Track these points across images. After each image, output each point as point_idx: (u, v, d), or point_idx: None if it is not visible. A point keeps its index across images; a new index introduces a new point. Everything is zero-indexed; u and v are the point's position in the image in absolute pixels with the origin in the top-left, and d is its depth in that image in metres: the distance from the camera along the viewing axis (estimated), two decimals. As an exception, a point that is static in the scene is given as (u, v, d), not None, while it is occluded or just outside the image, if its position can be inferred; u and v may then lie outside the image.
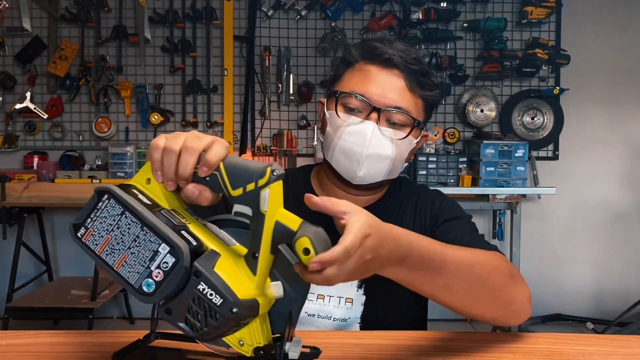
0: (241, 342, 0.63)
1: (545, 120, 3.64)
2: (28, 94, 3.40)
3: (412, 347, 0.87)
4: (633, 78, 3.65)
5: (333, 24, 3.56)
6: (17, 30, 3.51)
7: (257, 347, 0.63)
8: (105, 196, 0.60)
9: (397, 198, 1.13)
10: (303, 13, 3.57)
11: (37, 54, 3.57)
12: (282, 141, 3.56)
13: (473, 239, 0.99)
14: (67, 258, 3.67)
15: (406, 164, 1.10)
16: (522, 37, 3.62)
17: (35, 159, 3.54)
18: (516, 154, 3.27)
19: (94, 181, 3.33)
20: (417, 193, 1.14)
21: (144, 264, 0.58)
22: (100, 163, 3.58)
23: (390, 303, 1.07)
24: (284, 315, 0.65)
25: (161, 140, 0.65)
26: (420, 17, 3.50)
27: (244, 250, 0.65)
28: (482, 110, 3.59)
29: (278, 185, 0.62)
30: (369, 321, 1.06)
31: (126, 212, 0.59)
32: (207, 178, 0.64)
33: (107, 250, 0.60)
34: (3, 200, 3.11)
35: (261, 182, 0.62)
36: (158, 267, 0.58)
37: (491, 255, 0.90)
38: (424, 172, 3.38)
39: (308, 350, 0.66)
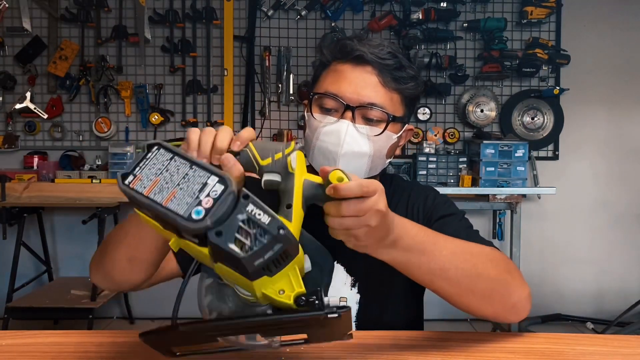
0: (281, 292, 0.64)
1: (545, 120, 3.64)
2: (28, 94, 3.40)
3: (412, 347, 0.87)
4: (633, 78, 3.65)
5: (333, 24, 3.56)
6: (17, 30, 3.51)
7: (299, 293, 0.63)
8: (155, 147, 0.63)
9: (388, 195, 1.13)
10: (303, 13, 3.57)
11: (37, 54, 3.57)
12: (282, 141, 3.56)
13: (469, 235, 0.99)
14: (67, 258, 3.66)
15: (389, 160, 1.10)
16: (522, 37, 3.62)
17: (35, 159, 3.54)
18: (516, 154, 3.27)
19: (94, 181, 3.33)
20: (409, 189, 1.15)
21: (192, 195, 0.60)
22: (100, 163, 3.58)
23: (385, 302, 1.08)
24: (314, 288, 0.66)
25: (197, 129, 0.76)
26: (420, 17, 3.50)
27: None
28: (482, 110, 3.59)
29: (301, 155, 0.73)
30: (364, 320, 1.06)
31: (175, 157, 0.63)
32: (238, 155, 0.73)
33: (155, 190, 0.61)
34: (3, 200, 3.11)
35: (287, 150, 0.73)
36: (207, 195, 0.60)
37: (487, 248, 0.91)
38: (424, 172, 3.38)
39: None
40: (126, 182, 0.62)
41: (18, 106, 3.39)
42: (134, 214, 0.76)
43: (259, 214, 0.61)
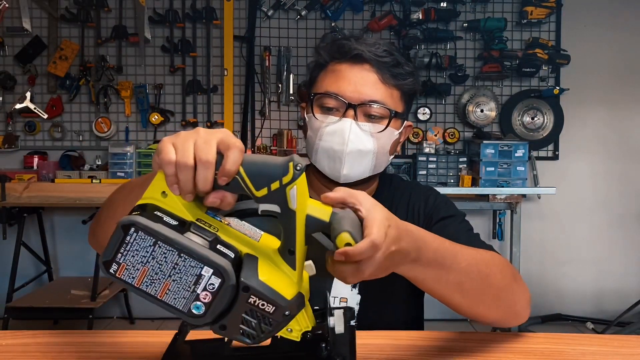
0: (289, 330, 0.64)
1: (545, 120, 3.64)
2: (28, 94, 3.40)
3: (412, 347, 0.87)
4: (633, 78, 3.65)
5: (333, 24, 3.56)
6: (17, 30, 3.51)
7: (305, 331, 0.64)
8: (132, 229, 0.57)
9: (389, 195, 1.13)
10: (303, 13, 3.57)
11: (37, 54, 3.57)
12: (282, 141, 3.56)
13: (469, 238, 0.99)
14: (67, 258, 3.66)
15: (392, 157, 1.10)
16: (522, 37, 3.62)
17: (35, 159, 3.54)
18: (516, 154, 3.27)
19: (94, 181, 3.32)
20: (409, 190, 1.14)
21: (188, 289, 0.57)
22: (100, 163, 3.58)
23: (385, 302, 1.07)
24: (318, 291, 0.66)
25: (170, 152, 0.61)
26: (420, 17, 3.50)
27: (272, 240, 0.64)
28: (482, 110, 3.59)
29: (303, 180, 0.60)
30: (364, 320, 1.06)
31: (159, 242, 0.57)
32: (228, 184, 0.61)
33: (146, 282, 0.57)
34: (3, 200, 3.11)
35: (285, 179, 0.60)
36: (204, 289, 0.57)
37: (494, 255, 0.90)
38: (424, 172, 3.38)
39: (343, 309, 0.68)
40: (111, 270, 0.57)
41: (18, 106, 3.38)
42: (128, 184, 0.74)
43: (262, 305, 0.59)
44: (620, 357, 0.87)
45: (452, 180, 3.38)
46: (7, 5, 3.34)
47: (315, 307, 0.68)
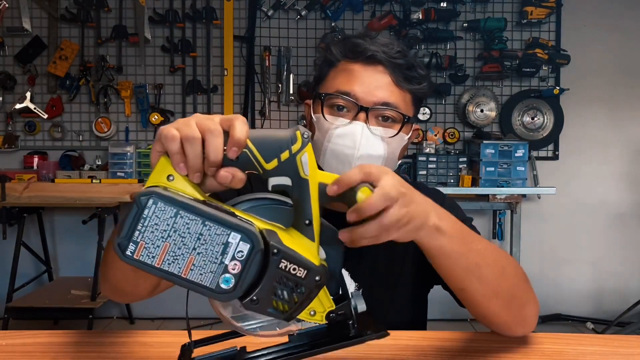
0: (312, 313, 0.61)
1: (545, 120, 3.64)
2: (28, 94, 3.40)
3: (412, 347, 0.87)
4: (633, 78, 3.65)
5: (333, 24, 3.56)
6: (17, 30, 3.51)
7: (329, 311, 0.62)
8: (151, 201, 0.52)
9: None
10: (303, 13, 3.57)
11: (37, 54, 3.57)
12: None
13: None
14: (67, 258, 3.66)
15: (399, 161, 1.08)
16: (522, 37, 3.62)
17: (35, 159, 3.54)
18: (516, 154, 3.27)
19: (94, 181, 3.32)
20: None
21: (215, 261, 0.53)
22: (100, 163, 3.58)
23: (390, 304, 1.07)
24: (331, 276, 0.64)
25: (172, 129, 0.58)
26: (420, 17, 3.50)
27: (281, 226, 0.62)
28: (482, 110, 3.59)
29: (310, 148, 0.60)
30: None
31: (180, 212, 0.53)
32: (237, 158, 0.58)
33: (167, 260, 0.53)
34: (3, 200, 3.11)
35: (295, 147, 0.59)
36: (233, 258, 0.54)
37: (510, 257, 0.89)
38: (424, 172, 3.38)
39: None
40: (128, 252, 0.52)
41: (18, 106, 3.39)
42: None
43: (294, 269, 0.56)
44: (620, 357, 0.86)
45: (452, 180, 3.38)
46: (7, 5, 3.35)
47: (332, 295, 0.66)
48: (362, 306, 0.64)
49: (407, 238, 0.68)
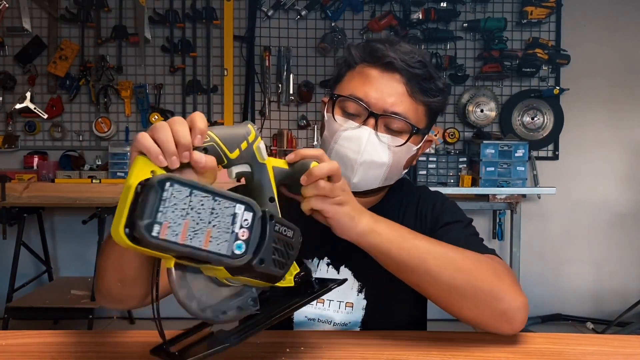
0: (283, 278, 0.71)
1: (545, 120, 3.64)
2: (28, 94, 3.40)
3: (412, 347, 0.87)
4: (633, 78, 3.65)
5: (333, 24, 3.56)
6: (17, 30, 3.51)
7: (295, 274, 0.74)
8: (168, 184, 0.56)
9: (398, 200, 1.12)
10: (303, 13, 3.57)
11: (37, 54, 3.57)
12: (282, 141, 3.56)
13: (468, 242, 0.97)
14: (67, 258, 3.67)
15: (405, 170, 1.08)
16: (522, 37, 3.62)
17: (35, 159, 3.54)
18: (516, 154, 3.27)
19: (94, 181, 3.32)
20: (417, 195, 1.13)
21: (227, 230, 0.60)
22: (100, 163, 3.58)
23: (391, 307, 1.07)
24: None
25: (143, 132, 0.64)
26: (420, 17, 3.50)
27: None
28: (482, 110, 3.59)
29: (260, 139, 0.73)
30: (369, 325, 1.06)
31: (194, 191, 0.58)
32: (206, 149, 0.67)
33: (189, 235, 0.57)
34: (3, 200, 3.11)
35: (251, 137, 0.71)
36: (241, 226, 0.61)
37: (481, 256, 0.89)
38: (424, 172, 3.38)
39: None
40: (154, 233, 0.54)
41: (18, 106, 3.39)
42: (111, 239, 0.66)
43: (285, 230, 0.66)
44: (620, 357, 0.87)
45: (452, 180, 3.38)
46: (7, 5, 3.35)
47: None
48: (313, 269, 0.77)
49: (340, 227, 0.82)
